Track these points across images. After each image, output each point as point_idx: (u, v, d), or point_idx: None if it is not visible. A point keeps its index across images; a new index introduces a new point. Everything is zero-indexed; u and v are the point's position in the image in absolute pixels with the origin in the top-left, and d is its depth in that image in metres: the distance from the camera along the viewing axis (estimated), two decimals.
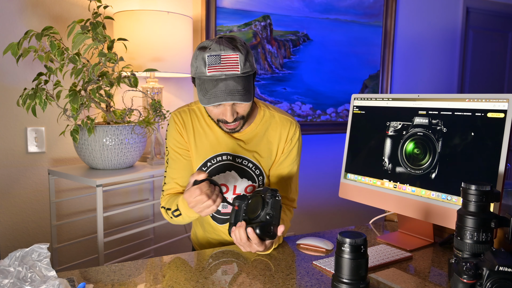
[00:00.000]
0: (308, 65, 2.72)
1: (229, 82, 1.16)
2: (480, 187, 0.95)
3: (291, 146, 1.38)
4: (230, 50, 1.17)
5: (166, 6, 2.23)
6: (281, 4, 2.58)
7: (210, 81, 1.17)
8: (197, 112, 1.37)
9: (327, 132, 2.84)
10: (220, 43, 1.18)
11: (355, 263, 0.89)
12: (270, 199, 1.13)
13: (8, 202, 1.98)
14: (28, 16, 1.95)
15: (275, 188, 1.16)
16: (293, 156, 1.40)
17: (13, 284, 0.87)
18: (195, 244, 1.53)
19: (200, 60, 1.18)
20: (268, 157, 1.37)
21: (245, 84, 1.19)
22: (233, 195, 1.37)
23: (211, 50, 1.17)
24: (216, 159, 1.35)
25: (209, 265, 1.15)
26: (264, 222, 1.13)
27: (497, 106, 1.12)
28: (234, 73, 1.17)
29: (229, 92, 1.16)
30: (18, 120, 1.97)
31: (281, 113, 1.40)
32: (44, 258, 0.92)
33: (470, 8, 3.35)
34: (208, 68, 1.17)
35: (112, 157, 1.79)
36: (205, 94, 1.18)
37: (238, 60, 1.17)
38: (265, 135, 1.37)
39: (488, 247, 0.95)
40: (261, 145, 1.37)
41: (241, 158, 1.35)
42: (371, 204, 1.40)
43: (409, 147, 1.31)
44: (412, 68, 3.16)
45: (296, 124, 1.40)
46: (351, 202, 2.80)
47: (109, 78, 1.74)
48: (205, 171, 1.35)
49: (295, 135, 1.39)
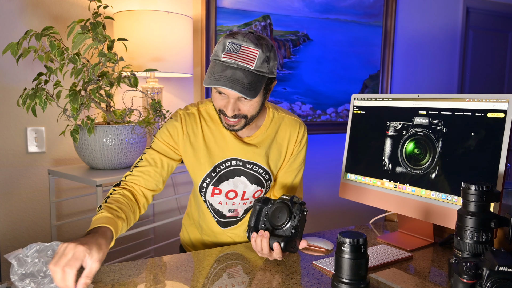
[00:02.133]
0: (308, 65, 2.72)
1: (237, 71, 1.12)
2: (480, 187, 0.95)
3: (300, 148, 1.37)
4: (252, 44, 1.14)
5: (166, 6, 2.23)
6: (281, 4, 2.58)
7: (221, 65, 1.14)
8: (206, 115, 1.32)
9: (327, 132, 2.84)
10: (247, 36, 1.15)
11: (355, 263, 0.89)
12: (299, 213, 1.09)
13: (8, 202, 1.99)
14: (28, 16, 1.95)
15: (303, 201, 1.12)
16: (302, 158, 1.39)
17: (25, 275, 0.88)
18: (187, 245, 1.50)
19: (221, 45, 1.15)
20: (277, 160, 1.36)
21: (254, 81, 1.14)
22: (241, 201, 1.35)
23: (234, 38, 1.15)
24: (225, 164, 1.31)
25: (209, 265, 1.15)
26: (290, 237, 1.09)
27: (497, 106, 1.12)
28: (247, 66, 1.13)
29: (233, 80, 1.11)
30: (18, 120, 1.97)
31: (289, 114, 1.38)
32: None
33: (470, 8, 3.35)
34: (224, 53, 1.14)
35: (112, 157, 1.79)
36: (210, 75, 1.14)
37: (256, 55, 1.13)
38: (275, 138, 1.35)
39: (488, 247, 0.95)
40: (272, 148, 1.34)
41: (251, 163, 1.32)
42: (371, 204, 1.40)
43: (409, 147, 1.30)
44: (412, 68, 3.16)
45: (304, 125, 1.39)
46: (351, 202, 2.80)
47: (109, 78, 1.74)
48: (214, 176, 1.32)
49: (304, 137, 1.38)
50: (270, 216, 1.12)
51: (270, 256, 1.11)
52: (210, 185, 1.33)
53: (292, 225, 1.10)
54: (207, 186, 1.33)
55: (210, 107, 1.33)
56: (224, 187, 1.33)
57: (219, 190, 1.33)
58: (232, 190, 1.33)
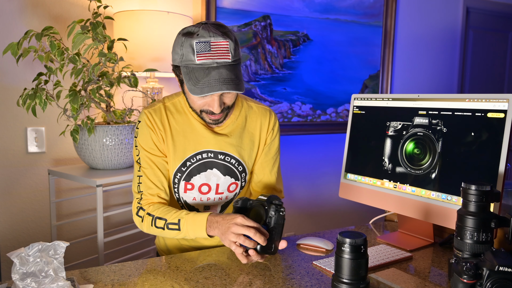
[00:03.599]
0: (308, 65, 2.72)
1: (221, 70, 1.09)
2: (480, 187, 0.95)
3: (273, 136, 1.36)
4: (220, 37, 1.10)
5: (166, 6, 2.23)
6: (281, 4, 2.58)
7: (200, 69, 1.10)
8: (172, 109, 1.28)
9: (327, 132, 2.84)
10: (207, 29, 1.11)
11: (355, 263, 0.89)
12: (274, 214, 1.08)
13: (8, 202, 1.99)
14: (28, 16, 1.95)
15: (280, 202, 1.10)
16: (276, 146, 1.38)
17: (27, 274, 0.88)
18: (162, 250, 1.44)
19: (187, 47, 1.10)
20: (251, 149, 1.33)
21: (237, 73, 1.12)
22: (215, 195, 1.33)
23: (199, 36, 1.10)
24: (196, 157, 1.28)
25: (209, 265, 1.15)
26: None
27: (497, 106, 1.12)
28: (225, 61, 1.10)
29: (223, 81, 1.08)
30: (18, 120, 1.97)
31: (257, 103, 1.37)
32: (59, 257, 0.93)
33: (470, 8, 3.35)
34: (197, 55, 1.09)
35: (112, 157, 1.79)
36: (195, 83, 1.10)
37: (228, 47, 1.10)
38: (246, 127, 1.32)
39: (488, 247, 0.95)
40: (244, 138, 1.32)
41: (224, 154, 1.29)
42: (371, 204, 1.40)
43: (409, 147, 1.31)
44: (412, 68, 3.16)
45: (274, 114, 1.38)
46: (351, 202, 2.80)
47: (109, 78, 1.74)
48: (184, 171, 1.28)
49: (276, 125, 1.37)
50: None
51: (248, 260, 1.08)
52: (182, 180, 1.30)
53: (269, 227, 1.08)
54: (179, 182, 1.30)
55: (176, 101, 1.30)
56: (196, 181, 1.30)
57: (191, 185, 1.30)
58: (205, 184, 1.30)
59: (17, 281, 0.88)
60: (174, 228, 1.18)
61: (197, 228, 1.15)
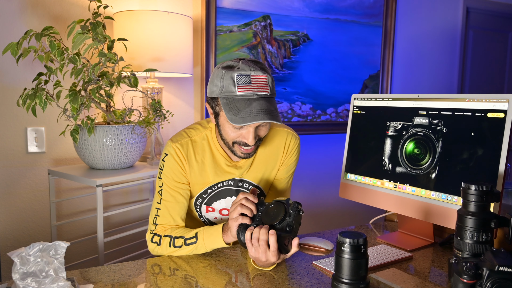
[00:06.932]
0: (308, 65, 2.72)
1: (261, 102, 1.13)
2: (480, 187, 0.95)
3: (292, 159, 1.38)
4: (259, 71, 1.14)
5: (166, 6, 2.23)
6: (281, 4, 2.58)
7: (241, 100, 1.13)
8: (199, 143, 1.30)
9: (327, 132, 2.84)
10: (247, 63, 1.15)
11: (355, 263, 0.89)
12: (295, 211, 1.08)
13: (8, 202, 1.99)
14: (28, 16, 1.95)
15: (299, 202, 1.11)
16: (294, 166, 1.41)
17: (27, 274, 0.89)
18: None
19: (228, 79, 1.13)
20: (269, 175, 1.37)
21: (275, 106, 1.17)
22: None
23: (240, 69, 1.14)
24: (217, 186, 1.32)
25: (209, 265, 1.15)
26: (284, 232, 1.06)
27: (497, 106, 1.12)
28: (264, 93, 1.14)
29: (264, 112, 1.11)
30: (18, 120, 1.97)
31: (280, 126, 1.38)
32: (60, 257, 0.93)
33: (470, 8, 3.35)
34: (238, 87, 1.13)
35: (112, 157, 1.79)
36: (237, 113, 1.12)
37: (267, 81, 1.15)
38: (267, 153, 1.34)
39: (488, 247, 0.95)
40: (264, 165, 1.34)
41: (243, 181, 1.33)
42: (371, 204, 1.40)
43: (409, 147, 1.31)
44: (412, 68, 3.16)
45: (294, 135, 1.38)
46: (351, 202, 2.80)
47: (109, 78, 1.74)
48: (205, 197, 1.33)
49: (295, 147, 1.38)
50: (264, 215, 1.10)
51: (265, 255, 1.04)
52: (203, 204, 1.35)
53: (287, 222, 1.07)
54: (200, 205, 1.36)
55: (204, 135, 1.31)
56: (216, 206, 1.35)
57: (212, 208, 1.36)
58: (225, 209, 1.35)
59: (18, 281, 0.88)
60: (192, 242, 1.20)
61: (213, 233, 1.17)
